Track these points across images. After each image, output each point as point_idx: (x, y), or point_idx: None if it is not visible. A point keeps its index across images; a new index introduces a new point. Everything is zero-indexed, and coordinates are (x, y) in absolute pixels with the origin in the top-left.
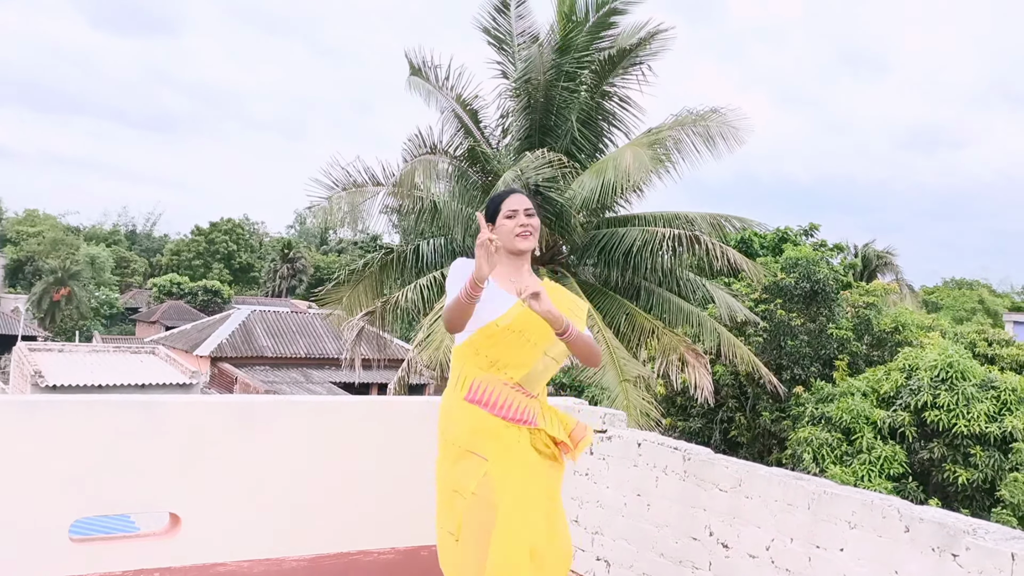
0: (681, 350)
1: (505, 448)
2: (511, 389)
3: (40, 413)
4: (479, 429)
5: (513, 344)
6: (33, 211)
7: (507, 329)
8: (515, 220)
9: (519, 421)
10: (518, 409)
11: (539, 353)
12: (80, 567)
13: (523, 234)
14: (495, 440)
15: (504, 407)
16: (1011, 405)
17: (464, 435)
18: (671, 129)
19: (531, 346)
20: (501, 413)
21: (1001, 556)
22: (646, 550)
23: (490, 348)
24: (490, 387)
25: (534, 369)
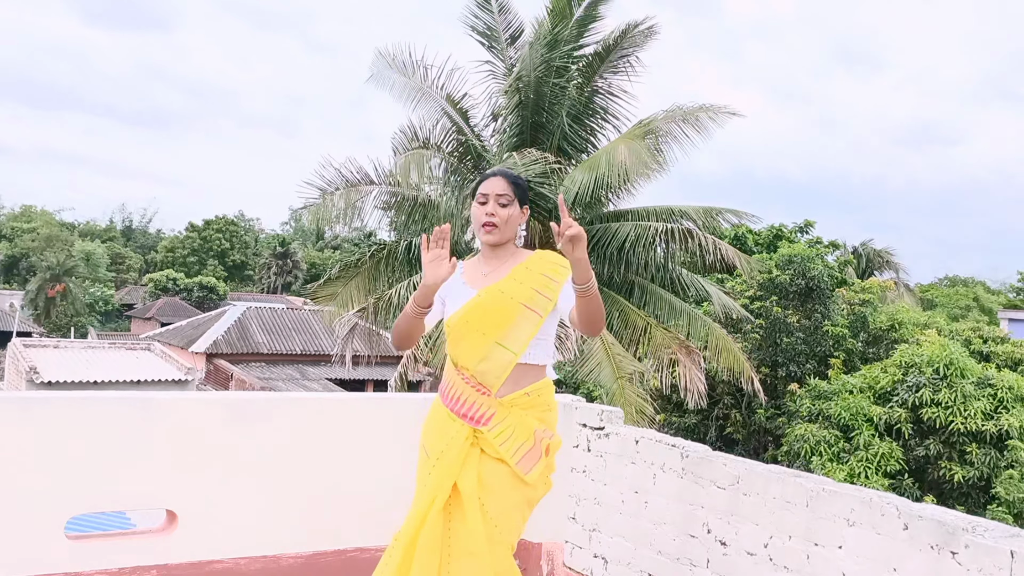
0: (674, 347)
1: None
2: (464, 383)
3: (35, 410)
4: (431, 420)
5: (463, 338)
6: (29, 207)
7: (453, 326)
8: (484, 208)
9: (465, 417)
10: (466, 403)
11: (488, 342)
12: (76, 564)
13: (487, 225)
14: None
15: (453, 399)
16: (1007, 403)
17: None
18: (663, 122)
19: (479, 336)
20: (449, 404)
21: (1000, 554)
22: (644, 547)
23: (449, 344)
24: (450, 380)
25: (488, 360)
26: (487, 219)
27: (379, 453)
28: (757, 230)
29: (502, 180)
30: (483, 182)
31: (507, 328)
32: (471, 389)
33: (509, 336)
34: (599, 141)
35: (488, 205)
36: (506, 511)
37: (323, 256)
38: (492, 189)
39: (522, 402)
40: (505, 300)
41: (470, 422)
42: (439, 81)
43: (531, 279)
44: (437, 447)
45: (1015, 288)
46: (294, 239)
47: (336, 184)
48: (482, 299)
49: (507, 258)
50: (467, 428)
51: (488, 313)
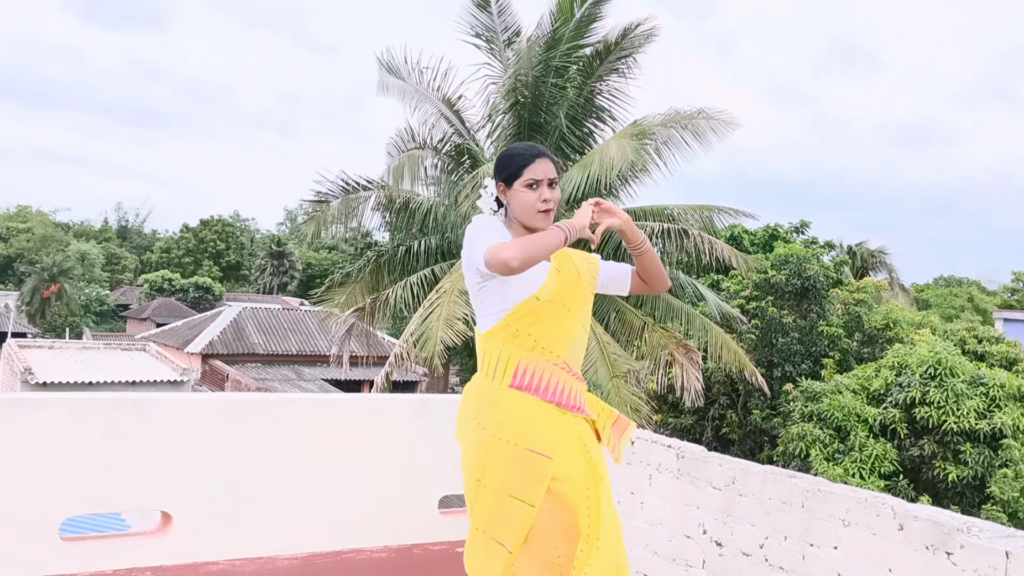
0: (671, 347)
1: (569, 443)
2: (561, 370)
3: (29, 411)
4: (534, 420)
5: (555, 317)
6: (24, 207)
7: (547, 302)
8: (538, 192)
9: (573, 408)
10: (571, 394)
11: (577, 323)
12: (71, 566)
13: (547, 211)
14: (555, 433)
15: (557, 392)
16: (1000, 402)
17: (517, 429)
18: (660, 126)
19: (570, 315)
20: (555, 399)
21: (995, 554)
22: (639, 548)
23: (531, 326)
24: (539, 369)
25: (576, 342)
26: (545, 205)
27: (374, 454)
28: (753, 230)
29: (550, 162)
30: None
31: (586, 305)
32: (568, 375)
33: (587, 314)
34: (595, 142)
35: (542, 190)
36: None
37: (319, 256)
38: (545, 173)
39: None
40: (581, 279)
41: (578, 412)
42: (435, 83)
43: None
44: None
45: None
46: (290, 239)
47: (335, 192)
48: (565, 275)
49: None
50: (581, 421)
51: (573, 288)
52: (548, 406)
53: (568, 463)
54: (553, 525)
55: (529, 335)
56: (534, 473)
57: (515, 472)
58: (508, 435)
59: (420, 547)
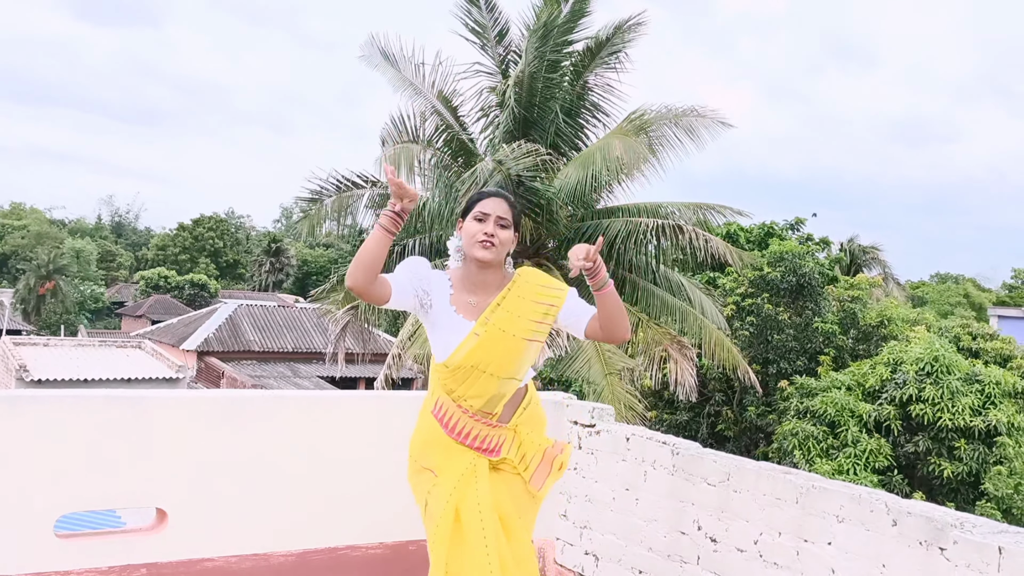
0: (665, 343)
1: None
2: (470, 418)
3: (24, 408)
4: (431, 442)
5: (467, 379)
6: (18, 204)
7: (456, 368)
8: (482, 226)
9: (480, 449)
10: (476, 438)
11: (497, 381)
12: (65, 563)
13: (484, 243)
14: (448, 459)
15: (459, 432)
16: (995, 399)
17: (418, 448)
18: (654, 122)
19: (487, 377)
20: (459, 439)
21: (988, 550)
22: (635, 544)
23: (447, 382)
24: (450, 411)
25: (494, 396)
26: (485, 237)
27: (369, 451)
28: (748, 227)
29: (504, 203)
30: (482, 200)
31: (515, 363)
32: (476, 423)
33: (516, 369)
34: (589, 138)
35: (487, 224)
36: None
37: (315, 254)
38: (494, 210)
39: (523, 418)
40: (507, 339)
41: (484, 453)
42: (430, 77)
43: (526, 310)
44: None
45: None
46: (285, 236)
47: (328, 191)
48: (483, 340)
49: (496, 278)
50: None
51: (494, 355)
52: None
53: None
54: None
55: (443, 384)
56: (423, 485)
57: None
58: (413, 453)
59: (415, 543)
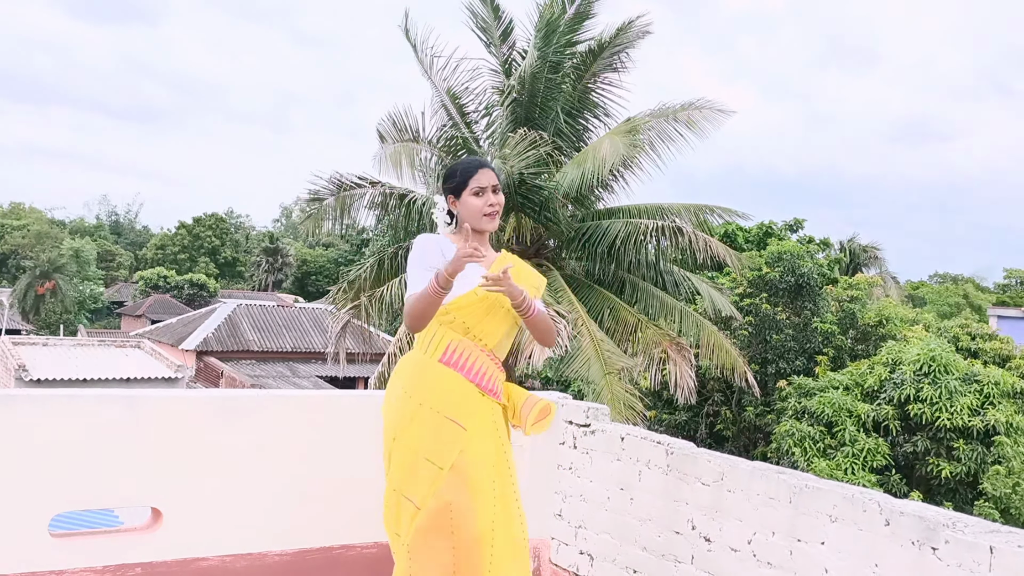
0: (664, 344)
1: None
2: (486, 356)
3: (19, 407)
4: (457, 394)
5: (490, 311)
6: (18, 204)
7: (484, 297)
8: (483, 199)
9: (491, 392)
10: (491, 379)
11: (511, 320)
12: (60, 562)
13: (491, 214)
14: (474, 412)
15: (479, 374)
16: (994, 399)
17: (440, 398)
18: (651, 119)
19: (507, 313)
20: (477, 380)
21: (980, 549)
22: (629, 544)
23: (468, 316)
24: (467, 351)
25: (506, 335)
26: (491, 209)
27: (365, 450)
28: (748, 227)
29: (491, 172)
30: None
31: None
32: (491, 362)
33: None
34: (590, 138)
35: (487, 195)
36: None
37: (314, 253)
38: (488, 180)
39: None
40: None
41: (494, 396)
42: (440, 71)
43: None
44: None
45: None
46: (284, 235)
47: (329, 190)
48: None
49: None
50: (496, 406)
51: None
52: (470, 385)
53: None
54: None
55: (463, 323)
56: (449, 440)
57: (432, 437)
58: (431, 402)
59: None
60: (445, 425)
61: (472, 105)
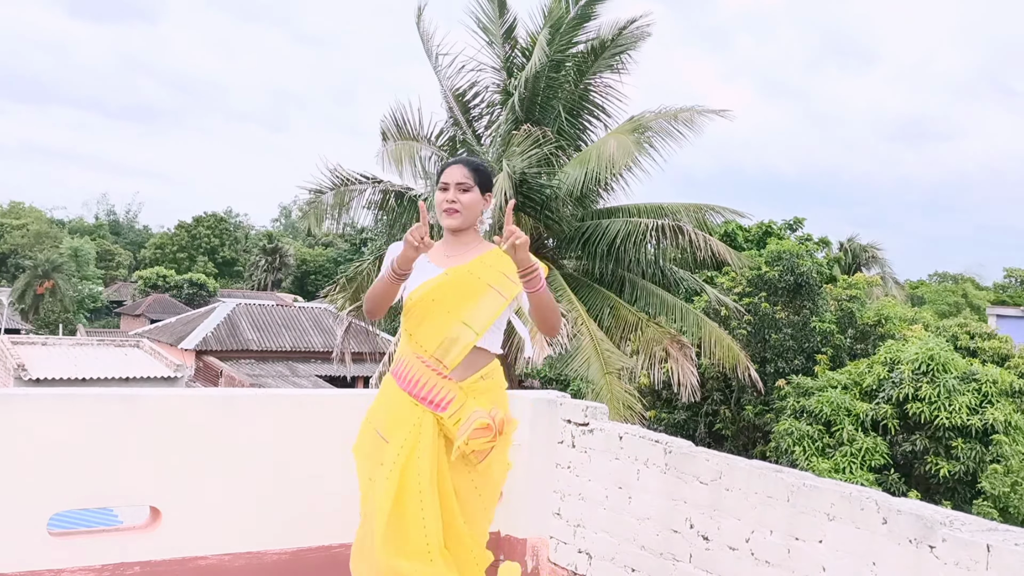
0: (665, 342)
1: (408, 433)
2: (423, 365)
3: (17, 406)
4: (388, 406)
5: (428, 313)
6: (18, 203)
7: (418, 300)
8: (445, 194)
9: (426, 401)
10: (426, 386)
11: (453, 320)
12: (59, 561)
13: (449, 210)
14: (400, 424)
15: (412, 382)
16: (992, 397)
17: (374, 411)
18: (653, 119)
19: (444, 313)
20: (409, 388)
21: (977, 547)
22: (627, 543)
23: (407, 321)
24: (407, 361)
25: (447, 338)
26: (448, 205)
27: None
28: (747, 227)
29: (462, 168)
30: (444, 171)
31: (472, 307)
32: (430, 371)
33: (473, 315)
34: (590, 138)
35: (449, 192)
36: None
37: (313, 253)
38: (452, 178)
39: (479, 387)
40: (472, 280)
41: (430, 406)
42: (445, 68)
43: (500, 264)
44: (399, 434)
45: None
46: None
47: (330, 186)
48: (449, 277)
49: (471, 244)
50: (431, 415)
51: (455, 291)
52: (402, 395)
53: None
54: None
55: (406, 329)
56: (375, 454)
57: (367, 450)
58: (369, 415)
59: None
60: (374, 439)
61: (475, 101)
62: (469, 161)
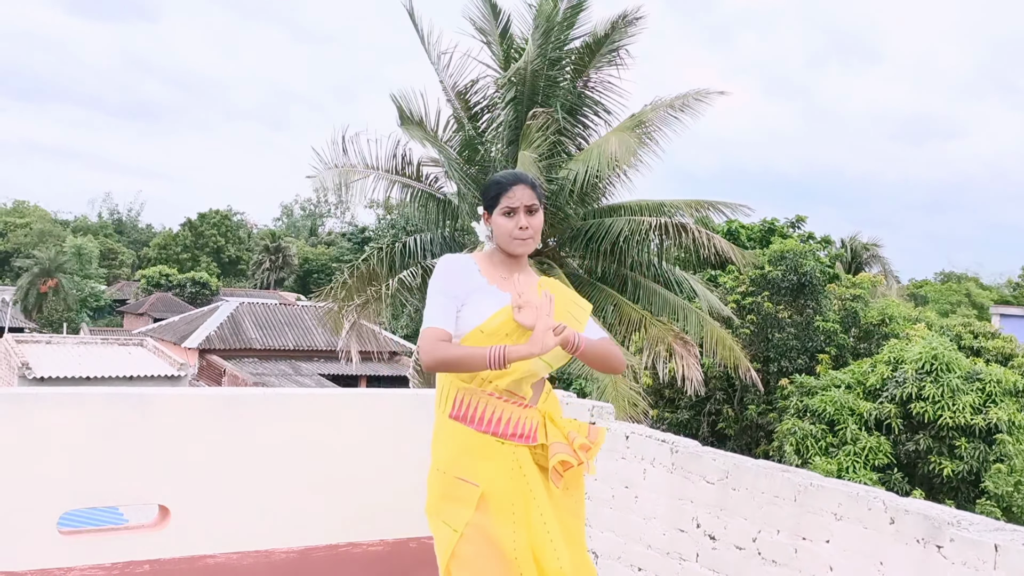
0: (669, 340)
1: (499, 470)
2: (498, 400)
3: (27, 405)
4: (465, 450)
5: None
6: (21, 202)
7: (491, 334)
8: (514, 220)
9: (516, 437)
10: (510, 423)
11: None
12: (69, 559)
13: (522, 239)
14: (486, 461)
15: (492, 422)
16: (996, 397)
17: (449, 459)
18: (652, 111)
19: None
20: (490, 429)
21: (985, 547)
22: (633, 542)
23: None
24: (475, 400)
25: (524, 373)
26: (521, 233)
27: (371, 449)
28: (749, 224)
29: (528, 189)
30: (504, 192)
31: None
32: (510, 405)
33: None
34: (591, 136)
35: (518, 217)
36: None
37: (316, 251)
38: (521, 200)
39: (548, 405)
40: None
41: (521, 440)
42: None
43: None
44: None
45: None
46: (286, 234)
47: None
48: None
49: (523, 263)
50: (523, 449)
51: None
52: (483, 437)
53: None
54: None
55: None
56: (460, 500)
57: (445, 499)
58: (441, 464)
59: (416, 540)
60: (455, 485)
61: (475, 99)
62: (526, 178)
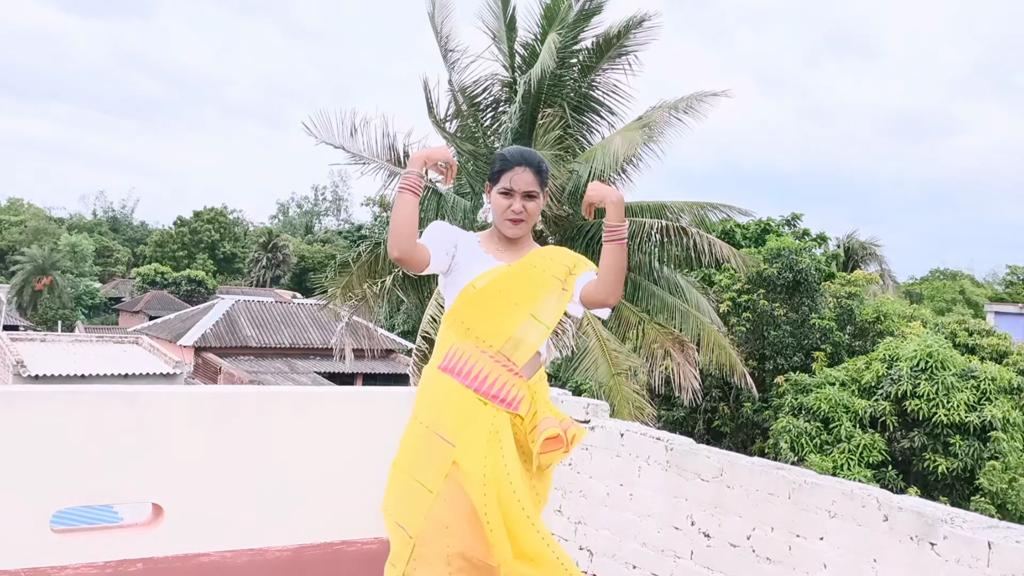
0: (668, 342)
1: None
2: (490, 359)
3: (20, 404)
4: (448, 404)
5: (491, 307)
6: (16, 200)
7: (482, 290)
8: (508, 202)
9: (497, 399)
10: (496, 384)
11: (522, 315)
12: (62, 558)
13: (514, 220)
14: (467, 423)
15: (479, 379)
16: (990, 394)
17: (430, 411)
18: (656, 113)
19: (512, 305)
20: (475, 385)
21: (978, 544)
22: (629, 539)
23: (467, 314)
24: (467, 354)
25: (516, 334)
26: (513, 215)
27: (364, 447)
28: (745, 224)
29: (529, 173)
30: (506, 172)
31: (542, 299)
32: (500, 367)
33: (542, 309)
34: (595, 137)
35: (514, 201)
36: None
37: (312, 249)
38: (519, 185)
39: (540, 387)
40: (539, 272)
41: (502, 404)
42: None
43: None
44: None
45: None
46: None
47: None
48: (516, 267)
49: (524, 243)
50: (504, 415)
51: (523, 282)
52: (466, 392)
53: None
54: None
55: (463, 322)
56: (436, 458)
57: (420, 454)
58: (422, 416)
59: None
60: (433, 441)
61: (481, 97)
62: (532, 160)
